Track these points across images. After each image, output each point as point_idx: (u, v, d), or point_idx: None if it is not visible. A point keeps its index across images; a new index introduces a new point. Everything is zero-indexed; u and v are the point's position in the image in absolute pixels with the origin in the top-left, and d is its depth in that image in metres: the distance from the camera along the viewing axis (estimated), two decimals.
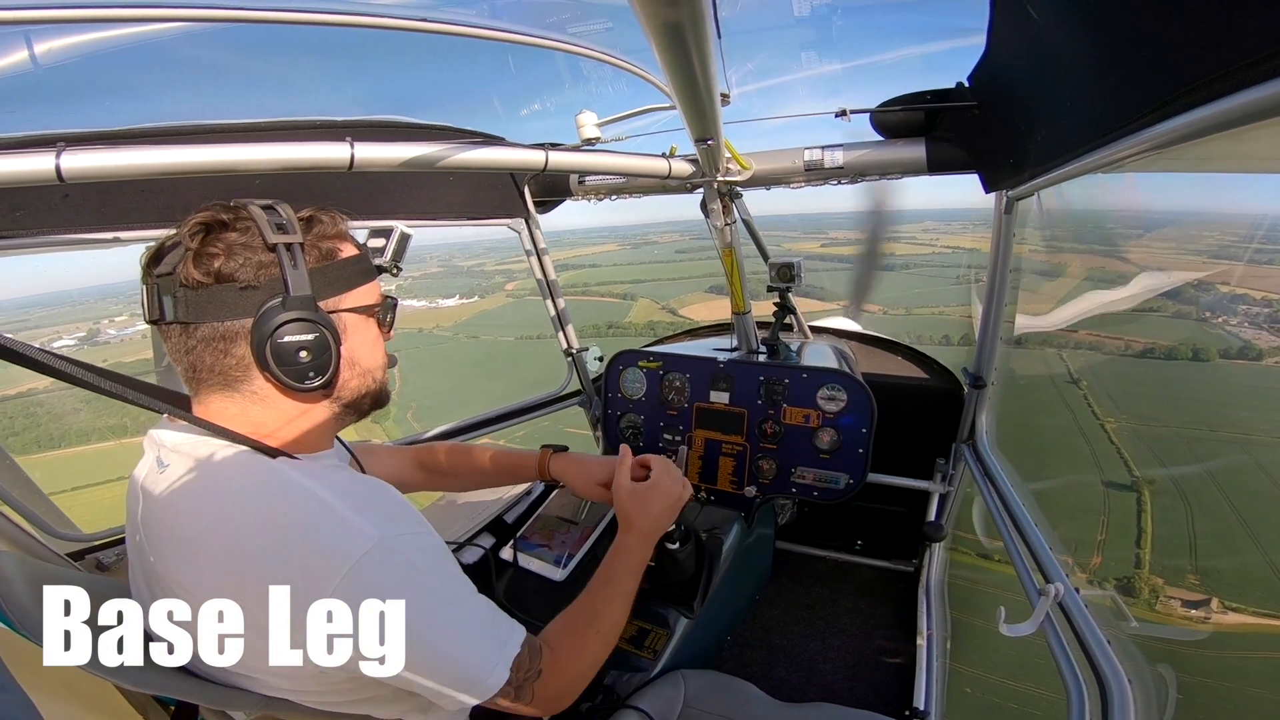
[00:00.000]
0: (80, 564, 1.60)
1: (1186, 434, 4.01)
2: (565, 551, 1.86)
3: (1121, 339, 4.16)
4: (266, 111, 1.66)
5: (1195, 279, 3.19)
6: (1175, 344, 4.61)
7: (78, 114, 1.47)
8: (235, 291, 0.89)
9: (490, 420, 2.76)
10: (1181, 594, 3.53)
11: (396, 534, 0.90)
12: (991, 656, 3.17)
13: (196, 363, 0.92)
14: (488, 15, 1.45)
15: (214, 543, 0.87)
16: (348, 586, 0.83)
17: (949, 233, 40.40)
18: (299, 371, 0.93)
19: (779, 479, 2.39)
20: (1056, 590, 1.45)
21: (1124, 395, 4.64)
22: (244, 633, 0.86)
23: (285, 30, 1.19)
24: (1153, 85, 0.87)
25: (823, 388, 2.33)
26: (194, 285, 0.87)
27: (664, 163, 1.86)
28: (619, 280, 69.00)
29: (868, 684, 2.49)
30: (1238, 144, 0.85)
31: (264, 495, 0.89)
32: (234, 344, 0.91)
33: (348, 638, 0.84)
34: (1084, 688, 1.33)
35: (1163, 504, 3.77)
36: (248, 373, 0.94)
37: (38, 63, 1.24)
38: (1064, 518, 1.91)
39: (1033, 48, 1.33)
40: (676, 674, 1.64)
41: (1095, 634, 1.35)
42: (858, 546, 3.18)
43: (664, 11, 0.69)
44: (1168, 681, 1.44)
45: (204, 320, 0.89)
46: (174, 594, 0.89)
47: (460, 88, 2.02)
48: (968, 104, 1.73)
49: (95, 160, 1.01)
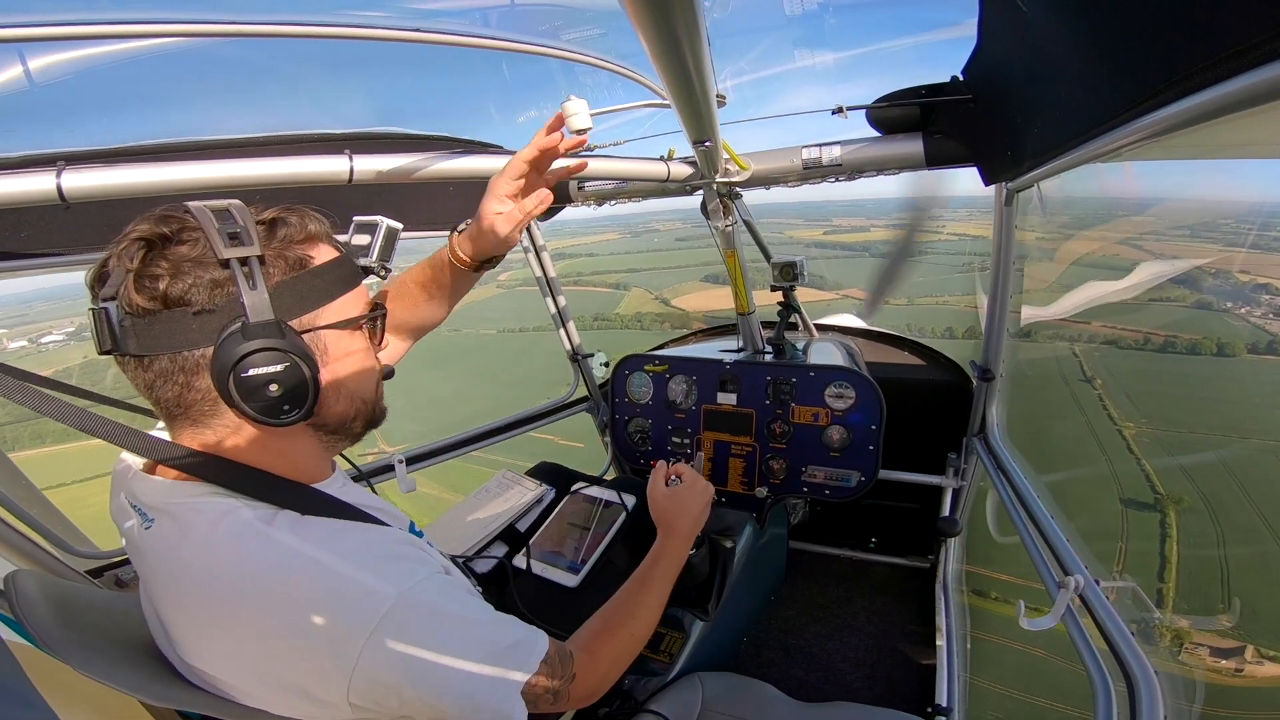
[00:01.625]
0: (99, 581, 1.62)
1: (1213, 439, 3.74)
2: (578, 558, 1.86)
3: (1136, 330, 3.95)
4: (265, 125, 1.67)
5: (1208, 265, 3.06)
6: (1198, 337, 4.39)
7: (76, 132, 1.46)
8: (189, 317, 0.77)
9: (499, 429, 2.77)
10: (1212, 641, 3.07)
11: (413, 584, 0.85)
12: (1013, 650, 3.13)
13: (160, 397, 0.82)
14: (481, 24, 1.47)
15: (226, 626, 0.83)
16: (374, 648, 0.81)
17: (954, 220, 40.14)
18: (270, 406, 0.82)
19: (790, 479, 2.38)
20: (1076, 582, 1.44)
21: (1143, 395, 4.41)
22: (278, 699, 0.85)
23: (282, 44, 1.21)
24: (1145, 73, 0.87)
25: (830, 385, 2.32)
26: (139, 313, 0.76)
27: (662, 166, 1.87)
28: (614, 270, 68.56)
29: (888, 682, 2.47)
30: (1244, 130, 0.84)
31: (267, 574, 0.82)
32: (195, 376, 0.80)
33: (388, 691, 0.83)
34: (1109, 681, 1.32)
35: (1188, 525, 3.45)
36: (214, 407, 0.83)
37: (33, 80, 1.23)
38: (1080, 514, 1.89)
39: (1023, 39, 1.33)
40: (694, 677, 1.63)
41: (1119, 625, 1.33)
42: (872, 544, 3.16)
43: (657, 16, 0.69)
44: (1194, 672, 1.42)
45: (158, 351, 0.78)
46: (195, 657, 0.86)
47: (456, 97, 2.03)
48: (963, 98, 1.73)
49: (96, 179, 1.02)
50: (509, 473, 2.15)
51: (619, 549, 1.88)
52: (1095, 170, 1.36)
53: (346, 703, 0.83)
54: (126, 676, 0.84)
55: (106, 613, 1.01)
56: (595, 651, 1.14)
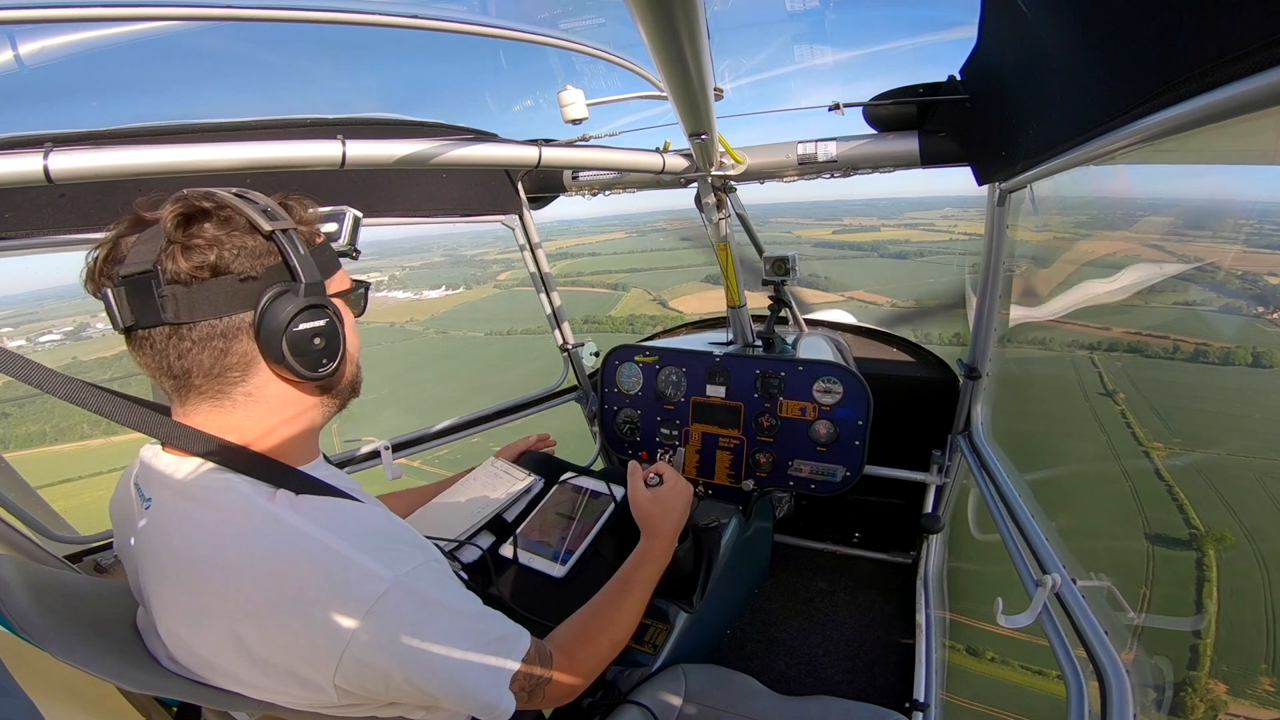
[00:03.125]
0: (78, 566, 1.60)
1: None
2: (565, 548, 1.86)
3: (1139, 333, 3.79)
4: (257, 110, 1.65)
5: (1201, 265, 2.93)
6: (1232, 345, 4.17)
7: (66, 114, 1.45)
8: (236, 283, 0.84)
9: (488, 417, 2.76)
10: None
11: (408, 570, 0.88)
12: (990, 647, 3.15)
13: (190, 367, 0.85)
14: (479, 12, 1.45)
15: (221, 600, 0.85)
16: (367, 631, 0.83)
17: (966, 219, 39.70)
18: (314, 360, 0.91)
19: (776, 472, 2.40)
20: (1054, 581, 1.46)
21: (1164, 404, 4.18)
22: (262, 681, 0.86)
23: (276, 28, 1.19)
24: (1143, 78, 0.87)
25: (819, 380, 2.34)
26: (185, 281, 0.81)
27: (657, 158, 1.86)
28: (614, 270, 68.05)
29: (868, 676, 2.50)
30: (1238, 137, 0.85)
31: (271, 550, 0.85)
32: (235, 340, 0.86)
33: (376, 676, 0.85)
34: (1082, 677, 1.34)
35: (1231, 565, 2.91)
36: (247, 371, 0.89)
37: (23, 63, 1.23)
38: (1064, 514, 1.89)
39: (1023, 41, 1.33)
40: (677, 668, 1.64)
41: (1093, 624, 1.36)
42: (856, 539, 3.19)
43: (656, 6, 0.69)
44: (1164, 672, 1.45)
45: (201, 318, 0.83)
46: (182, 640, 0.87)
47: (452, 84, 2.02)
48: (959, 97, 1.74)
49: (84, 161, 1.00)
50: (497, 460, 2.15)
51: (606, 540, 1.88)
52: (1088, 172, 1.37)
53: (333, 685, 0.84)
54: (106, 663, 0.84)
55: (85, 599, 1.00)
56: (574, 654, 1.15)
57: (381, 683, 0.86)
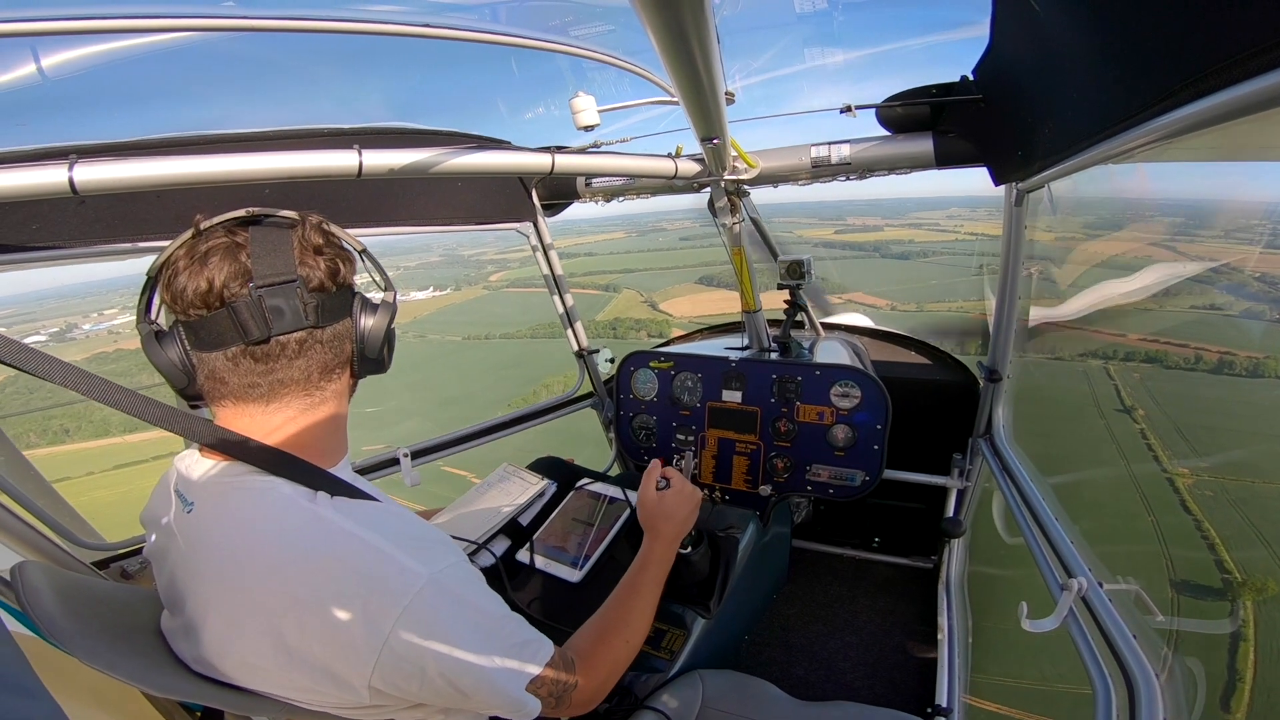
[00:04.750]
0: (105, 573, 1.63)
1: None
2: (581, 553, 1.86)
3: (1156, 340, 3.56)
4: (273, 119, 1.67)
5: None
6: (1261, 356, 3.82)
7: (88, 125, 1.47)
8: (347, 293, 0.99)
9: (504, 424, 2.77)
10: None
11: (441, 569, 0.92)
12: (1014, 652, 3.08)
13: (309, 367, 0.95)
14: (490, 20, 1.46)
15: (264, 596, 0.87)
16: (405, 624, 0.85)
17: (973, 219, 38.21)
18: (387, 356, 1.08)
19: (794, 477, 2.38)
20: (1079, 585, 1.43)
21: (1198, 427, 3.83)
22: (296, 678, 0.87)
23: (292, 38, 1.21)
24: (1161, 74, 0.86)
25: (836, 384, 2.32)
26: (324, 289, 0.94)
27: (670, 163, 1.86)
28: (608, 270, 67.15)
29: (888, 682, 2.47)
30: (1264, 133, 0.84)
31: (314, 546, 0.88)
32: (345, 342, 1.00)
33: (412, 672, 0.87)
34: (1110, 683, 1.32)
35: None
36: (343, 369, 1.02)
37: (45, 75, 1.25)
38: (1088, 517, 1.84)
39: (1037, 40, 1.32)
40: (694, 674, 1.63)
41: (1120, 628, 1.33)
42: (875, 544, 3.16)
43: (666, 12, 0.69)
44: (1196, 676, 1.41)
45: (331, 322, 0.96)
46: (220, 638, 0.89)
47: (465, 92, 2.04)
48: (973, 98, 1.72)
49: (108, 172, 1.02)
50: (510, 466, 2.16)
51: (622, 546, 1.88)
52: (1107, 171, 1.35)
53: (367, 686, 0.86)
54: (132, 667, 0.85)
55: (112, 604, 1.02)
56: (593, 658, 1.17)
57: (416, 680, 0.87)
